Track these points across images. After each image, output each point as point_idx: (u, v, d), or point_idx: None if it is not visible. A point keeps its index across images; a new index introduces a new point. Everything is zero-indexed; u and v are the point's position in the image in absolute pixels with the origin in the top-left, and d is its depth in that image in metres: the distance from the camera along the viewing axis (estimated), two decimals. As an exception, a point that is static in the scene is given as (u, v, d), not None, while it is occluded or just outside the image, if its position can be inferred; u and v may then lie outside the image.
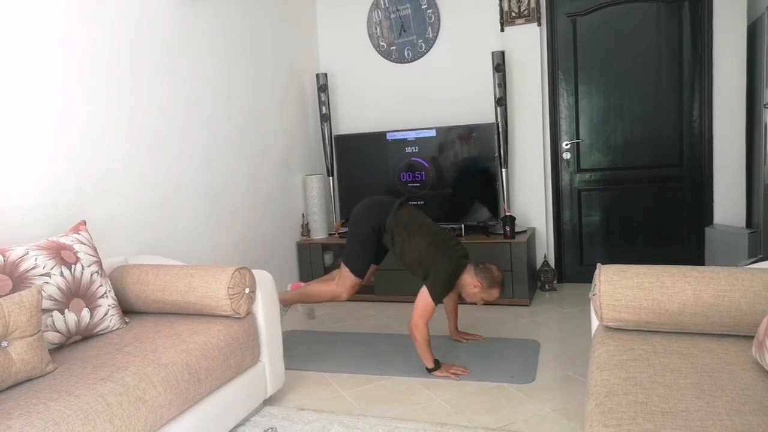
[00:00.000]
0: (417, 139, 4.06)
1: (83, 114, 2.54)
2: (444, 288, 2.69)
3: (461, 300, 2.97)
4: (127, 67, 2.78)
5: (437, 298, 2.67)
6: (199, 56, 3.27)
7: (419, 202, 4.06)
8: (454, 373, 2.67)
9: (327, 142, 4.30)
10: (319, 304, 3.27)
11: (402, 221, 2.80)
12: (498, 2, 4.03)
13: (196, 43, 3.25)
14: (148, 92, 2.90)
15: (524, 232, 3.93)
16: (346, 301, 3.04)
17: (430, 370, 2.70)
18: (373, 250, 2.90)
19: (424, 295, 2.68)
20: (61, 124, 2.44)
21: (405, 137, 4.10)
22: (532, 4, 3.95)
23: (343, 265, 2.93)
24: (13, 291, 1.86)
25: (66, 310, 2.00)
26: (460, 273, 2.74)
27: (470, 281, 2.75)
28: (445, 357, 2.91)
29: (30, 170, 2.31)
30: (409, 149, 4.09)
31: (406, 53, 4.35)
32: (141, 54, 2.86)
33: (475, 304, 2.85)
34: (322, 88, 4.27)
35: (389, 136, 4.14)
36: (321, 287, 3.04)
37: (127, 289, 2.33)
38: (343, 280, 2.92)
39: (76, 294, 2.05)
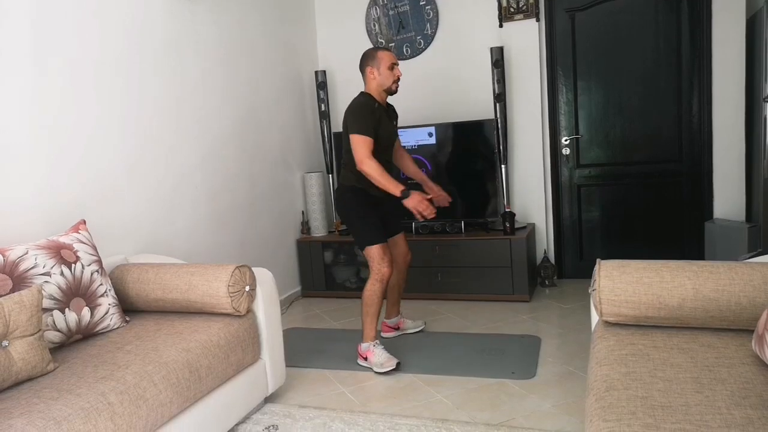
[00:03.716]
0: (416, 135, 4.05)
1: (82, 113, 2.54)
2: (358, 113, 2.68)
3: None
4: (125, 67, 2.78)
5: (363, 130, 2.64)
6: (197, 55, 3.27)
7: (419, 199, 4.05)
8: (424, 210, 2.62)
9: (326, 139, 4.30)
10: (391, 305, 3.19)
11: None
12: (496, -2, 4.03)
13: (194, 42, 3.25)
14: (146, 91, 2.90)
15: (524, 228, 3.93)
16: (404, 269, 3.07)
17: (400, 198, 2.64)
18: (370, 212, 2.81)
19: (352, 139, 2.66)
20: (60, 123, 2.44)
21: (404, 134, 4.09)
22: (531, 0, 3.95)
23: (364, 253, 2.80)
24: (13, 290, 1.86)
25: (66, 309, 2.00)
26: (356, 99, 2.77)
27: (368, 78, 2.79)
28: (443, 353, 2.91)
29: (29, 170, 2.31)
30: (408, 146, 4.09)
31: (404, 50, 4.34)
32: (139, 53, 2.86)
33: (396, 86, 2.81)
34: (321, 85, 4.26)
35: (388, 133, 4.13)
36: (366, 295, 2.79)
37: (127, 288, 2.34)
38: (371, 261, 2.76)
39: (77, 293, 2.05)
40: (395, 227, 3.05)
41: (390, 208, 2.95)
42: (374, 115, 2.74)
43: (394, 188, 2.64)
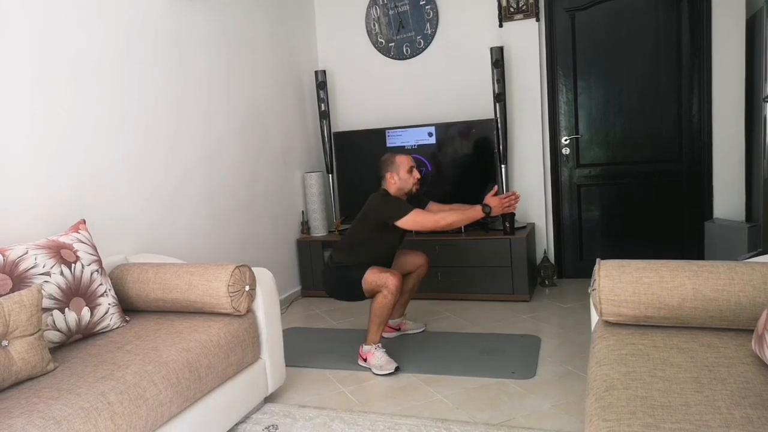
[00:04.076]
0: (416, 135, 4.05)
1: (82, 113, 2.54)
2: (390, 203, 2.78)
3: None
4: (126, 66, 2.78)
5: (406, 209, 2.72)
6: (197, 54, 3.27)
7: (419, 199, 4.05)
8: (507, 207, 2.74)
9: (326, 139, 4.30)
10: (397, 307, 3.18)
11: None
12: (496, -2, 4.03)
13: (195, 41, 3.25)
14: (146, 90, 2.90)
15: (524, 227, 3.93)
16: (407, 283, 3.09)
17: (487, 215, 2.74)
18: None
19: (407, 222, 2.73)
20: (60, 123, 2.44)
21: (404, 134, 4.10)
22: (531, 0, 3.95)
23: (365, 287, 2.76)
24: (13, 290, 1.86)
25: (66, 309, 2.00)
26: (379, 195, 2.84)
27: (389, 182, 2.89)
28: (443, 353, 2.91)
29: (29, 169, 2.30)
30: (408, 146, 4.09)
31: (404, 50, 4.34)
32: (139, 53, 2.86)
33: (416, 188, 2.91)
34: (321, 85, 4.26)
35: (388, 133, 4.14)
36: (377, 305, 2.76)
37: (127, 288, 2.34)
38: (376, 285, 2.72)
39: (77, 293, 2.05)
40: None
41: None
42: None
43: (476, 214, 2.75)
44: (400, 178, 2.87)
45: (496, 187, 2.90)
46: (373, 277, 2.73)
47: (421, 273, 3.10)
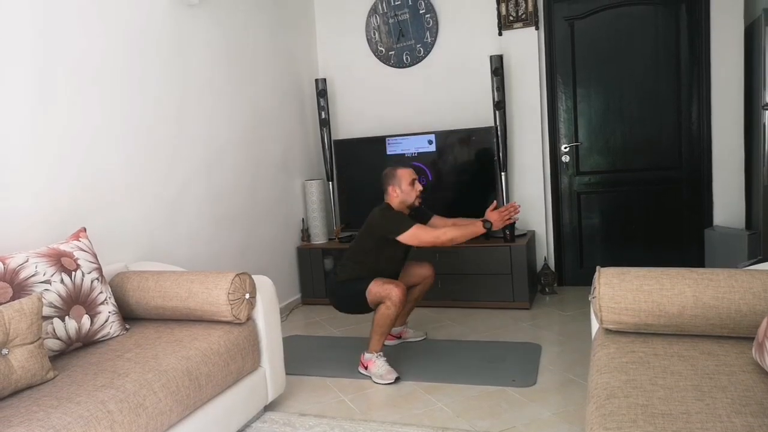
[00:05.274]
0: (416, 143, 4.06)
1: (83, 121, 2.55)
2: (392, 218, 2.79)
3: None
4: (126, 74, 2.79)
5: (408, 224, 2.74)
6: (198, 62, 3.28)
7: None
8: (507, 219, 2.80)
9: (326, 146, 4.31)
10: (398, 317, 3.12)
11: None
12: (496, 6, 4.04)
13: (196, 49, 3.26)
14: (147, 99, 2.91)
15: (524, 235, 3.93)
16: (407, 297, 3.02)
17: (486, 235, 2.89)
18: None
19: (407, 237, 2.74)
20: (61, 131, 2.44)
21: (404, 142, 4.11)
22: (530, 8, 3.97)
23: (370, 300, 2.75)
24: (13, 298, 1.86)
25: (66, 317, 2.00)
26: (380, 209, 2.85)
27: (391, 195, 2.89)
28: (443, 361, 2.91)
29: (30, 177, 2.31)
30: (408, 153, 4.10)
31: (404, 58, 4.36)
32: (140, 61, 2.87)
33: (419, 201, 2.91)
34: (321, 93, 4.27)
35: (388, 141, 4.15)
36: (379, 316, 2.75)
37: (127, 296, 2.34)
38: (379, 296, 2.72)
39: (77, 301, 2.05)
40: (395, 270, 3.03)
41: None
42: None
43: (477, 229, 2.78)
44: (402, 191, 2.87)
45: (495, 203, 2.95)
46: (377, 288, 2.72)
47: (426, 285, 3.09)
